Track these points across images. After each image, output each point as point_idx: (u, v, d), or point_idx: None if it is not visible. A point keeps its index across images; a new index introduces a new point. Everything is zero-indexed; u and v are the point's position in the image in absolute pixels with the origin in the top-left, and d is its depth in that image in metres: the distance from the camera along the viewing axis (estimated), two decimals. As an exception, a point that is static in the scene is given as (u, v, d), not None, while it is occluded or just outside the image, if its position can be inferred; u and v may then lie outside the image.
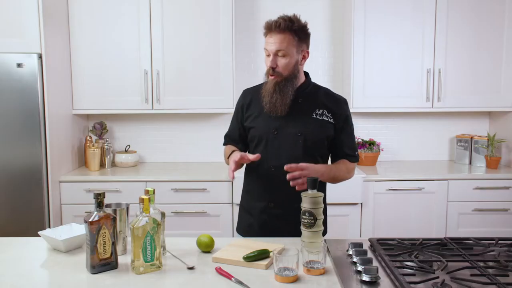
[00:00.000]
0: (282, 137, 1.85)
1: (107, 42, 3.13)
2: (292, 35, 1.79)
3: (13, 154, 2.76)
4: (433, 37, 3.16)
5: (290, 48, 1.79)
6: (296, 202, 1.83)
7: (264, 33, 1.83)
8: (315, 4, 3.47)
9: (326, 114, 1.88)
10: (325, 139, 1.88)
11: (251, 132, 1.91)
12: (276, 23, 1.78)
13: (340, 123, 1.91)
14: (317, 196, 1.56)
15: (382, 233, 2.96)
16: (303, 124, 1.85)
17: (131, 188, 2.96)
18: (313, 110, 1.87)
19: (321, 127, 1.86)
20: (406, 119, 3.55)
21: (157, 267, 1.43)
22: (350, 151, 1.95)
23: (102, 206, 1.43)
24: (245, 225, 1.96)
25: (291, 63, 1.81)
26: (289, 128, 1.85)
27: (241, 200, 2.03)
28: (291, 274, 1.33)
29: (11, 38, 2.74)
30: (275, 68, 1.80)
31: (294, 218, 1.84)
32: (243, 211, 2.00)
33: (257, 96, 1.92)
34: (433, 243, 1.55)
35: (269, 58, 1.80)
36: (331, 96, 1.95)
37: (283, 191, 1.81)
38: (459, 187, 3.00)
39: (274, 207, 1.87)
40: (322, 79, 3.51)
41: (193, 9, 3.12)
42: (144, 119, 3.52)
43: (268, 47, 1.80)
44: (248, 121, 1.92)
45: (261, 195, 1.89)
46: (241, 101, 1.99)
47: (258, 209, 1.90)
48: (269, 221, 1.88)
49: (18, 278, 1.38)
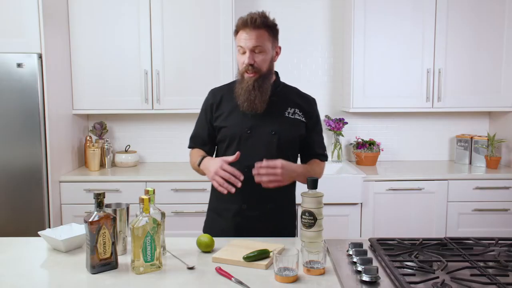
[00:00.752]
0: (256, 136, 1.81)
1: (107, 42, 3.13)
2: (267, 30, 1.78)
3: (13, 154, 2.76)
4: (433, 37, 3.16)
5: (266, 44, 1.78)
6: (270, 203, 1.83)
7: (236, 30, 1.79)
8: (315, 4, 3.47)
9: (298, 113, 1.86)
10: (297, 138, 1.86)
11: (222, 131, 1.85)
12: (252, 19, 1.75)
13: (312, 122, 1.90)
14: (317, 196, 1.56)
15: (382, 233, 2.96)
16: (277, 122, 1.82)
17: (131, 188, 2.96)
18: (285, 108, 1.85)
19: (294, 126, 1.85)
20: (406, 119, 3.55)
21: (157, 267, 1.43)
22: (321, 150, 1.95)
23: (102, 206, 1.43)
24: (217, 230, 1.86)
25: (268, 59, 1.80)
26: (263, 127, 1.81)
27: (210, 203, 1.97)
28: (291, 274, 1.33)
29: (11, 38, 2.74)
30: (253, 64, 1.76)
31: (269, 219, 1.84)
32: (214, 214, 1.94)
33: (227, 95, 1.88)
34: (433, 243, 1.55)
35: (245, 55, 1.76)
36: (301, 95, 1.94)
37: (257, 192, 1.77)
38: (459, 187, 3.00)
39: (248, 209, 1.83)
40: (322, 79, 3.52)
41: (193, 9, 3.12)
42: (144, 119, 3.52)
43: (244, 44, 1.75)
44: (219, 121, 1.87)
45: (234, 197, 1.79)
46: (210, 100, 1.92)
47: (231, 212, 1.85)
48: (244, 224, 1.83)
49: (18, 278, 1.38)
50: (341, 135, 3.47)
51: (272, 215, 1.85)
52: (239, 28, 1.78)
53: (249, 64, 1.76)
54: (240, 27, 1.77)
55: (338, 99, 3.54)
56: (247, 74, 1.79)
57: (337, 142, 3.47)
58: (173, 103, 3.18)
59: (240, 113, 1.83)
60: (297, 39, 3.49)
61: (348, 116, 3.52)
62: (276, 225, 1.86)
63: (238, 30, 1.79)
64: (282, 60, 3.48)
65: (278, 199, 1.85)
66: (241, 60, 1.79)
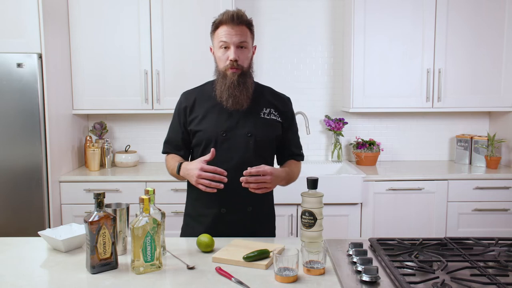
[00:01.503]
0: (231, 139, 1.77)
1: (107, 42, 3.13)
2: (248, 28, 1.77)
3: (13, 154, 2.76)
4: (433, 37, 3.16)
5: (249, 41, 1.77)
6: (249, 205, 1.81)
7: (217, 25, 1.75)
8: (315, 4, 3.47)
9: (273, 113, 1.83)
10: (274, 139, 1.84)
11: (197, 135, 1.81)
12: (238, 15, 1.72)
13: (287, 121, 1.88)
14: (317, 196, 1.56)
15: (382, 233, 2.97)
16: (252, 124, 1.78)
17: (131, 188, 2.96)
18: (260, 109, 1.82)
19: (270, 126, 1.82)
20: (406, 119, 3.55)
21: (157, 267, 1.43)
22: (297, 150, 1.93)
23: (102, 206, 1.43)
24: (195, 235, 1.75)
25: (249, 56, 1.79)
26: (238, 129, 1.77)
27: (187, 208, 1.93)
28: (291, 274, 1.33)
29: (11, 38, 2.74)
30: (237, 60, 1.73)
31: (248, 222, 1.81)
32: (191, 219, 1.89)
33: (201, 97, 1.84)
34: (433, 243, 1.55)
35: (229, 51, 1.73)
36: (276, 95, 1.91)
37: (235, 195, 1.75)
38: (459, 187, 3.00)
39: (227, 212, 1.79)
40: (322, 79, 3.52)
41: (193, 9, 3.12)
42: (144, 119, 3.52)
43: (229, 39, 1.71)
44: (193, 124, 1.82)
45: (212, 202, 1.78)
46: (183, 103, 1.87)
47: (210, 216, 1.80)
48: (223, 229, 1.78)
49: (18, 278, 1.38)
50: (341, 135, 3.47)
51: (252, 218, 1.82)
52: (222, 23, 1.73)
53: (234, 60, 1.72)
54: (224, 22, 1.72)
55: (338, 99, 3.54)
56: (231, 70, 1.74)
57: (337, 142, 3.47)
58: (173, 103, 3.12)
59: (215, 115, 1.79)
60: (297, 39, 3.49)
61: (348, 116, 3.52)
62: (256, 228, 1.83)
63: (219, 25, 1.74)
64: (282, 60, 3.50)
65: (257, 201, 1.81)
66: (224, 56, 1.75)
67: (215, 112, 1.80)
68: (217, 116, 1.79)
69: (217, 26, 1.76)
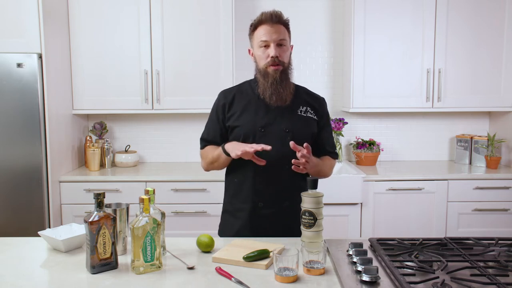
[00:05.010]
0: (269, 135, 1.80)
1: (107, 42, 3.13)
2: (286, 27, 1.82)
3: (13, 154, 2.76)
4: (433, 37, 3.16)
5: (287, 39, 1.82)
6: (286, 200, 1.83)
7: (256, 26, 1.81)
8: (315, 4, 3.47)
9: (309, 111, 1.88)
10: (310, 136, 1.87)
11: (236, 131, 1.85)
12: (276, 14, 1.78)
13: (323, 121, 1.92)
14: (317, 196, 1.57)
15: (382, 233, 2.97)
16: (290, 120, 1.83)
17: (131, 188, 2.96)
18: (297, 107, 1.86)
19: (307, 123, 1.86)
20: (406, 119, 3.55)
21: (157, 267, 1.43)
22: (332, 148, 1.97)
23: (102, 206, 1.43)
24: (233, 231, 1.86)
25: (289, 54, 1.84)
26: (276, 125, 1.82)
27: (225, 205, 1.95)
28: (291, 274, 1.33)
29: (11, 38, 2.74)
30: (278, 57, 1.77)
31: (285, 217, 1.83)
32: (229, 215, 1.92)
33: (239, 95, 1.89)
34: (433, 243, 1.55)
35: (269, 48, 1.78)
36: (311, 95, 1.96)
37: (272, 190, 1.79)
38: (459, 187, 3.00)
39: (264, 207, 1.82)
40: (322, 79, 3.52)
41: (193, 9, 3.12)
42: (144, 119, 3.52)
43: (268, 38, 1.77)
44: (231, 120, 1.86)
45: (249, 196, 1.82)
46: (221, 100, 1.91)
47: (247, 211, 1.83)
48: (259, 223, 1.82)
49: (18, 278, 1.38)
50: (341, 135, 3.47)
51: (288, 214, 1.83)
52: (261, 23, 1.79)
53: (275, 56, 1.77)
54: (263, 22, 1.79)
55: (338, 99, 3.54)
56: (272, 67, 1.79)
57: (337, 142, 3.47)
58: (173, 103, 3.18)
59: (253, 112, 1.84)
60: (297, 39, 3.48)
61: (348, 116, 3.52)
62: (292, 224, 1.82)
63: (258, 25, 1.80)
64: (282, 60, 3.50)
65: (293, 197, 1.82)
66: (264, 55, 1.79)
67: (253, 108, 1.84)
68: (255, 112, 1.84)
69: (256, 27, 1.81)
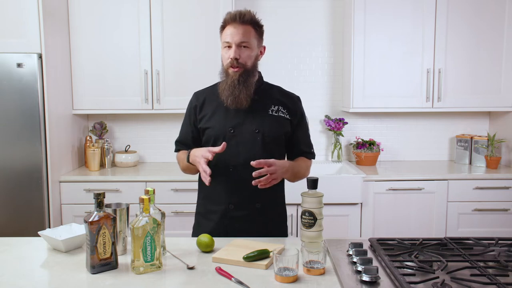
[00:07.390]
0: (239, 135, 1.79)
1: (107, 42, 3.13)
2: (254, 28, 1.80)
3: (13, 154, 2.76)
4: (433, 37, 3.16)
5: (253, 40, 1.79)
6: (257, 202, 1.81)
7: (223, 25, 1.80)
8: (315, 4, 3.47)
9: (282, 111, 1.86)
10: (282, 136, 1.85)
11: (207, 132, 1.85)
12: (241, 14, 1.76)
13: (296, 119, 1.90)
14: (317, 196, 1.56)
15: (382, 233, 2.97)
16: (260, 120, 1.81)
17: (131, 188, 2.96)
18: (268, 106, 1.85)
19: (278, 123, 1.84)
20: (406, 119, 3.55)
21: (157, 267, 1.43)
22: (307, 148, 1.94)
23: (102, 206, 1.43)
24: (205, 233, 1.79)
25: (253, 56, 1.80)
26: (246, 125, 1.80)
27: (197, 206, 1.94)
28: (291, 274, 1.33)
29: (11, 38, 2.75)
30: (238, 59, 1.76)
31: (257, 219, 1.81)
32: (201, 217, 1.90)
33: (210, 96, 1.89)
34: (433, 243, 1.55)
35: (231, 49, 1.76)
36: (285, 93, 1.94)
37: (243, 192, 1.77)
38: (459, 187, 3.00)
39: (235, 209, 1.80)
40: (322, 79, 3.52)
41: (193, 9, 3.12)
42: (144, 119, 3.52)
43: (230, 39, 1.75)
44: (203, 122, 1.86)
45: (220, 198, 1.81)
46: (193, 102, 1.91)
47: (218, 213, 1.82)
48: (232, 225, 1.80)
49: (18, 278, 1.38)
50: (341, 135, 3.47)
51: (261, 215, 1.82)
52: (226, 23, 1.78)
53: (234, 58, 1.75)
54: (228, 22, 1.78)
55: (338, 99, 3.54)
56: (232, 69, 1.78)
57: (337, 142, 3.47)
58: (173, 103, 3.18)
59: (223, 113, 1.82)
60: (297, 39, 3.49)
61: (348, 116, 3.52)
62: (266, 226, 1.83)
63: (225, 25, 1.79)
64: (282, 60, 3.50)
65: (266, 198, 1.82)
66: (226, 56, 1.79)
67: (224, 109, 1.83)
68: (225, 113, 1.82)
69: (223, 27, 1.81)
